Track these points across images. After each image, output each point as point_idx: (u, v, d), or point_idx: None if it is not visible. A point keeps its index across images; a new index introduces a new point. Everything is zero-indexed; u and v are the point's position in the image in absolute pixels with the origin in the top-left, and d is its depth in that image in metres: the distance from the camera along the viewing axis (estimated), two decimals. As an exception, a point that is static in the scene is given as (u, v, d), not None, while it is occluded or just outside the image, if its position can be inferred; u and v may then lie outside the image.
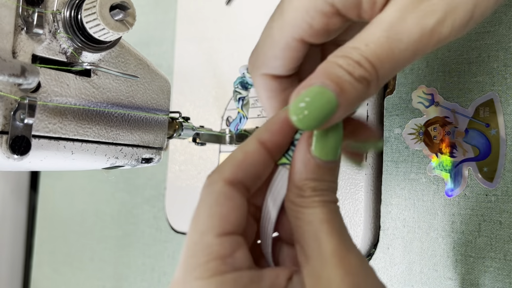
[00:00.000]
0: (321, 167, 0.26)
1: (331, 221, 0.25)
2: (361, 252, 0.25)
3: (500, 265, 0.34)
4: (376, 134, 0.29)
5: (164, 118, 0.40)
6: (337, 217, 0.25)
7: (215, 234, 0.25)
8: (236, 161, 0.27)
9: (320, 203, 0.25)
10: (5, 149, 0.28)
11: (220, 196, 0.26)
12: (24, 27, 0.30)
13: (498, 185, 0.35)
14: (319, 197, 0.25)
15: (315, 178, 0.26)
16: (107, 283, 0.67)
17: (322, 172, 0.26)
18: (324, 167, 0.26)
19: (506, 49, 0.35)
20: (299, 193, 0.26)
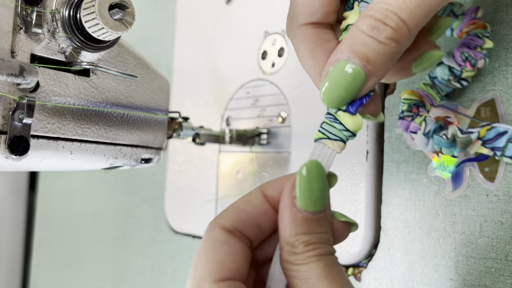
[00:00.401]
0: (309, 220, 0.25)
1: (330, 276, 0.24)
2: None
3: (502, 266, 0.34)
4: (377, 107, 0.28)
5: (164, 118, 0.40)
6: (335, 270, 0.24)
7: (211, 280, 0.24)
8: (236, 210, 0.26)
9: (315, 258, 0.24)
10: (4, 149, 0.28)
11: (216, 242, 0.25)
12: (23, 26, 0.30)
13: (500, 185, 0.34)
14: (313, 251, 0.24)
15: (305, 232, 0.25)
16: (106, 283, 0.67)
17: (311, 225, 0.25)
18: (313, 219, 0.25)
19: (507, 48, 0.35)
20: (291, 251, 0.25)
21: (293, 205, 0.25)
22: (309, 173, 0.25)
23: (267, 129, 0.48)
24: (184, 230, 0.57)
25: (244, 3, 0.53)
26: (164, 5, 0.65)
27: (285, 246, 0.25)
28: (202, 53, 0.57)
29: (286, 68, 0.48)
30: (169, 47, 0.63)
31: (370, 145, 0.41)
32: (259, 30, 0.51)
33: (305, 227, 0.25)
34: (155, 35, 0.65)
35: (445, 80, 0.34)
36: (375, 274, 0.40)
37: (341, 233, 0.27)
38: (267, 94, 0.49)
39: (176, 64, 0.60)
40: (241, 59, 0.53)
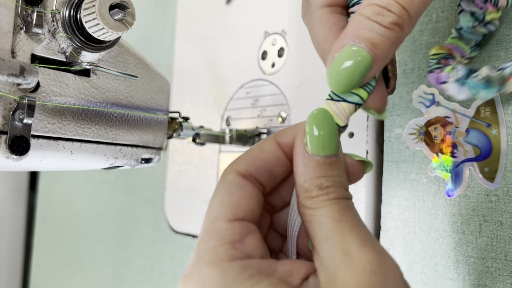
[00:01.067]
0: (321, 164, 0.25)
1: (343, 218, 0.24)
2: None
3: (501, 266, 0.34)
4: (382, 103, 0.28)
5: (164, 118, 0.40)
6: (349, 214, 0.25)
7: (225, 220, 0.25)
8: (250, 157, 0.27)
9: (330, 201, 0.25)
10: (4, 149, 0.28)
11: (231, 185, 0.26)
12: (23, 26, 0.30)
13: (499, 185, 0.34)
14: (327, 195, 0.25)
15: (318, 175, 0.25)
16: (106, 283, 0.67)
17: (323, 169, 0.25)
18: (324, 163, 0.25)
19: (507, 48, 0.35)
20: (306, 195, 0.25)
21: (305, 151, 0.26)
22: (316, 120, 0.26)
23: (267, 129, 0.48)
24: (184, 230, 0.57)
25: (244, 3, 0.53)
26: (164, 5, 0.65)
27: (301, 191, 0.26)
28: (202, 53, 0.57)
29: (286, 68, 0.48)
30: (169, 47, 0.63)
31: (370, 145, 0.41)
32: (259, 30, 0.51)
33: (318, 171, 0.25)
34: (155, 35, 0.65)
35: (470, 28, 0.32)
36: (375, 274, 0.40)
37: (357, 173, 0.27)
38: (267, 94, 0.49)
39: (176, 64, 0.60)
40: (241, 59, 0.53)
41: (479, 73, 0.30)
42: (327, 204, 0.25)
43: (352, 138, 0.42)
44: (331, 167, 0.25)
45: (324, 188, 0.25)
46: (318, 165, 0.25)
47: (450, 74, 0.31)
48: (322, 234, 0.24)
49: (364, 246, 0.23)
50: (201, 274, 0.24)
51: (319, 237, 0.24)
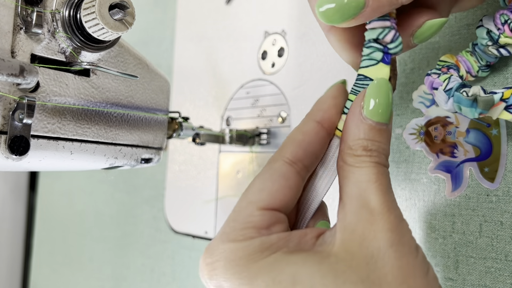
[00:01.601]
0: (372, 128, 0.26)
1: (378, 181, 0.26)
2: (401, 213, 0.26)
3: (502, 266, 0.34)
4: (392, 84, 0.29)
5: (164, 118, 0.40)
6: (384, 179, 0.26)
7: (259, 207, 0.26)
8: (296, 141, 0.28)
9: (371, 164, 0.26)
10: (4, 149, 0.28)
11: (276, 173, 0.27)
12: (23, 26, 0.30)
13: (500, 185, 0.34)
14: (370, 158, 0.26)
15: (367, 138, 0.26)
16: (106, 283, 0.67)
17: (373, 133, 0.26)
18: (375, 129, 0.26)
19: (507, 48, 0.35)
20: (350, 152, 0.26)
21: (360, 113, 0.27)
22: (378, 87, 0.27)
23: (267, 129, 0.48)
24: (184, 230, 0.57)
25: (244, 3, 0.53)
26: (164, 5, 0.65)
27: (346, 148, 0.27)
28: (202, 53, 0.57)
29: (286, 68, 0.48)
30: (169, 47, 0.63)
31: (370, 145, 0.41)
32: (259, 30, 0.51)
33: (367, 134, 0.26)
34: (155, 35, 0.65)
35: (483, 46, 0.32)
36: (375, 274, 0.40)
37: None
38: (267, 94, 0.49)
39: (176, 64, 0.60)
40: (241, 59, 0.53)
41: (468, 90, 0.30)
42: (368, 165, 0.26)
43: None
44: (380, 134, 0.27)
45: (368, 150, 0.26)
46: (369, 128, 0.26)
47: (443, 83, 0.31)
48: (355, 191, 0.26)
49: (388, 210, 0.25)
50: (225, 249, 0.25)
51: (351, 193, 0.26)
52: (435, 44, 0.38)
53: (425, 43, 0.39)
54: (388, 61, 0.28)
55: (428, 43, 0.39)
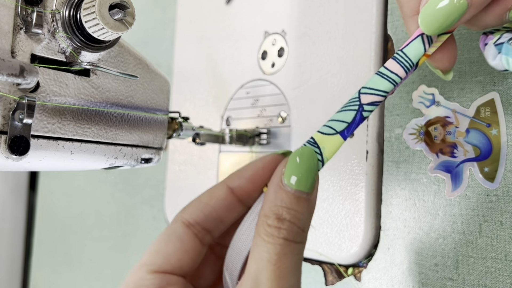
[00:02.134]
0: (290, 196, 0.25)
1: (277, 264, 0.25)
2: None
3: (502, 266, 0.34)
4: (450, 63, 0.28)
5: (164, 118, 0.40)
6: (286, 260, 0.25)
7: (150, 270, 0.26)
8: (200, 204, 0.28)
9: (278, 240, 0.25)
10: (4, 149, 0.28)
11: (172, 235, 0.27)
12: (23, 26, 0.30)
13: (499, 185, 0.34)
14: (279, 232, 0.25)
15: (283, 205, 0.25)
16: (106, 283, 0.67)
17: (290, 201, 0.25)
18: (293, 196, 0.25)
19: None
20: (264, 221, 0.25)
21: (280, 180, 0.26)
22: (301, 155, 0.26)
23: (267, 129, 0.48)
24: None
25: (244, 3, 0.53)
26: (164, 5, 0.65)
27: (261, 215, 0.26)
28: (202, 53, 0.57)
29: (286, 68, 0.48)
30: (169, 47, 0.63)
31: (370, 145, 0.41)
32: (259, 30, 0.51)
33: (284, 201, 0.25)
34: (155, 35, 0.65)
35: None
36: (375, 274, 0.40)
37: None
38: (267, 94, 0.49)
39: (176, 64, 0.60)
40: (241, 59, 0.53)
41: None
42: (273, 241, 0.25)
43: (352, 138, 0.42)
44: (298, 203, 0.26)
45: (281, 220, 0.25)
46: (287, 195, 0.26)
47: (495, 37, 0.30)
48: (253, 269, 0.25)
49: None
50: None
51: (249, 271, 0.25)
52: (435, 44, 0.38)
53: (425, 43, 0.39)
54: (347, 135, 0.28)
55: (428, 43, 0.39)
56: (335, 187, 0.43)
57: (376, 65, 0.41)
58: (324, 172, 0.43)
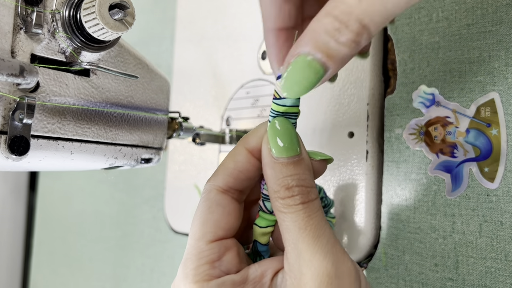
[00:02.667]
0: (286, 165, 0.27)
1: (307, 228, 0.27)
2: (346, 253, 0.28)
3: (502, 266, 0.34)
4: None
5: (164, 118, 0.40)
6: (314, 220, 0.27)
7: (206, 241, 0.28)
8: (227, 170, 0.30)
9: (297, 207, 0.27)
10: (4, 149, 0.28)
11: (213, 204, 0.29)
12: (23, 26, 0.30)
13: (499, 185, 0.34)
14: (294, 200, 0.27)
15: (285, 175, 0.27)
16: (106, 283, 0.67)
17: (289, 169, 0.27)
18: (288, 164, 0.27)
19: (507, 48, 0.35)
20: (277, 196, 0.27)
21: (271, 156, 0.28)
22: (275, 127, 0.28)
23: (267, 129, 0.48)
24: (184, 230, 0.57)
25: (244, 3, 0.53)
26: (164, 5, 0.65)
27: (272, 193, 0.28)
28: (202, 53, 0.57)
29: (286, 68, 0.48)
30: (169, 47, 0.63)
31: (370, 145, 0.41)
32: (259, 30, 0.51)
33: (284, 172, 0.27)
34: (155, 35, 0.65)
35: None
36: (375, 274, 0.40)
37: (319, 169, 0.30)
38: (267, 94, 0.49)
39: (176, 64, 0.60)
40: (241, 59, 0.53)
41: None
42: (294, 210, 0.27)
43: (352, 138, 0.42)
44: (295, 167, 0.28)
45: (290, 188, 0.27)
46: (283, 166, 0.27)
47: None
48: (290, 239, 0.27)
49: (324, 258, 0.26)
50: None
51: (288, 242, 0.27)
52: (435, 44, 0.38)
53: (425, 43, 0.39)
54: None
55: (428, 43, 0.39)
56: (335, 187, 0.43)
57: (376, 65, 0.41)
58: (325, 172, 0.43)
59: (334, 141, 0.43)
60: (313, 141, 0.44)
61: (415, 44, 0.40)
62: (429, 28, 0.39)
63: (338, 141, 0.43)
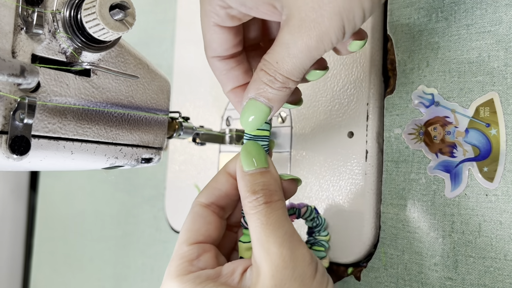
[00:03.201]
0: (253, 175, 0.33)
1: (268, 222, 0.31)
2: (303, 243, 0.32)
3: (501, 265, 0.34)
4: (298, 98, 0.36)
5: (164, 118, 0.40)
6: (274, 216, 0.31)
7: (187, 244, 0.34)
8: (210, 188, 0.35)
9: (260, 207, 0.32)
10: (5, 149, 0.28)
11: (195, 215, 0.35)
12: (24, 27, 0.30)
13: (499, 185, 0.35)
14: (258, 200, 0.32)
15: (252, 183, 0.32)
16: (106, 283, 0.67)
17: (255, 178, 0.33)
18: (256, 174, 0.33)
19: (506, 48, 0.35)
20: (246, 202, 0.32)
21: (242, 170, 0.33)
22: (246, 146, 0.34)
23: (267, 129, 0.48)
24: (185, 230, 0.57)
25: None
26: (165, 5, 0.65)
27: (243, 200, 0.33)
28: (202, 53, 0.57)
29: (286, 68, 0.48)
30: (169, 48, 0.63)
31: (369, 145, 0.41)
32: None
33: (251, 181, 0.33)
34: (155, 36, 0.65)
35: None
36: (375, 273, 0.40)
37: (290, 190, 0.35)
38: (267, 94, 0.49)
39: (176, 64, 0.60)
40: (241, 59, 0.53)
41: None
42: (258, 210, 0.31)
43: (352, 138, 0.42)
44: (261, 175, 0.33)
45: (256, 192, 0.32)
46: (251, 176, 0.33)
47: None
48: (254, 236, 0.31)
49: (280, 245, 0.30)
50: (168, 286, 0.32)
51: (254, 241, 0.31)
52: (435, 45, 0.38)
53: (424, 44, 0.39)
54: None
55: (428, 44, 0.39)
56: (335, 187, 0.43)
57: (376, 65, 0.42)
58: (324, 172, 0.43)
59: (333, 141, 0.43)
60: (313, 141, 0.44)
61: (415, 44, 0.40)
62: (428, 28, 0.39)
63: (338, 141, 0.43)
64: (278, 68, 0.31)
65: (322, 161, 0.44)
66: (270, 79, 0.31)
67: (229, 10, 0.32)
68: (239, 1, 0.31)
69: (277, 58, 0.30)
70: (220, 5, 0.31)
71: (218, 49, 0.34)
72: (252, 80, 0.32)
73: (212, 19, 0.33)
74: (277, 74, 0.31)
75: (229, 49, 0.34)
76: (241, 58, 0.35)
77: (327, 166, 0.43)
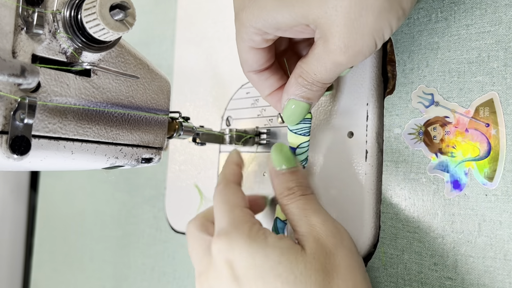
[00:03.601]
0: (285, 174, 0.38)
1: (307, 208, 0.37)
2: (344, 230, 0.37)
3: (500, 265, 0.34)
4: None
5: (164, 118, 0.40)
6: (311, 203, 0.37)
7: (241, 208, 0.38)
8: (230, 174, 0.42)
9: (297, 198, 0.37)
10: (5, 149, 0.28)
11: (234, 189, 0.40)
12: (24, 27, 0.30)
13: (498, 185, 0.35)
14: (294, 194, 0.37)
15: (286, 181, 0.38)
16: (107, 283, 0.67)
17: (288, 177, 0.38)
18: (287, 173, 0.38)
19: (506, 48, 0.35)
20: (281, 196, 0.38)
21: (275, 171, 0.39)
22: (275, 147, 0.39)
23: (267, 129, 0.48)
24: (185, 230, 0.57)
25: (244, 3, 0.53)
26: (165, 5, 0.65)
27: (278, 196, 0.38)
28: (202, 53, 0.57)
29: (286, 68, 0.48)
30: (169, 48, 0.63)
31: (369, 145, 0.41)
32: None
33: (284, 178, 0.38)
34: (155, 36, 0.66)
35: None
36: (375, 273, 0.41)
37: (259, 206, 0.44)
38: (267, 94, 0.49)
39: (176, 64, 0.60)
40: (241, 59, 0.53)
41: None
42: (295, 200, 0.37)
43: (352, 138, 0.42)
44: (293, 174, 0.38)
45: (291, 189, 0.37)
46: (284, 174, 0.38)
47: None
48: (296, 219, 0.36)
49: (324, 222, 0.36)
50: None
51: (295, 221, 0.37)
52: (434, 45, 0.38)
53: (424, 44, 0.39)
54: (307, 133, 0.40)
55: (428, 44, 0.39)
56: (335, 187, 0.43)
57: (376, 65, 0.42)
58: (324, 172, 0.44)
59: (333, 141, 0.43)
60: (313, 141, 0.45)
61: (415, 44, 0.40)
62: (428, 28, 0.39)
63: (338, 141, 0.43)
64: (316, 78, 0.35)
65: (322, 161, 0.44)
66: (309, 85, 0.36)
67: (265, 35, 0.35)
68: (273, 26, 0.33)
69: (315, 71, 0.34)
70: (256, 32, 0.34)
71: (254, 65, 0.38)
72: (290, 83, 0.36)
73: (248, 43, 0.36)
74: (315, 81, 0.35)
75: (263, 64, 0.38)
76: (274, 68, 0.39)
77: (327, 166, 0.43)
